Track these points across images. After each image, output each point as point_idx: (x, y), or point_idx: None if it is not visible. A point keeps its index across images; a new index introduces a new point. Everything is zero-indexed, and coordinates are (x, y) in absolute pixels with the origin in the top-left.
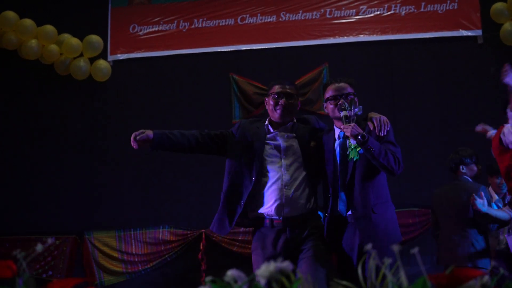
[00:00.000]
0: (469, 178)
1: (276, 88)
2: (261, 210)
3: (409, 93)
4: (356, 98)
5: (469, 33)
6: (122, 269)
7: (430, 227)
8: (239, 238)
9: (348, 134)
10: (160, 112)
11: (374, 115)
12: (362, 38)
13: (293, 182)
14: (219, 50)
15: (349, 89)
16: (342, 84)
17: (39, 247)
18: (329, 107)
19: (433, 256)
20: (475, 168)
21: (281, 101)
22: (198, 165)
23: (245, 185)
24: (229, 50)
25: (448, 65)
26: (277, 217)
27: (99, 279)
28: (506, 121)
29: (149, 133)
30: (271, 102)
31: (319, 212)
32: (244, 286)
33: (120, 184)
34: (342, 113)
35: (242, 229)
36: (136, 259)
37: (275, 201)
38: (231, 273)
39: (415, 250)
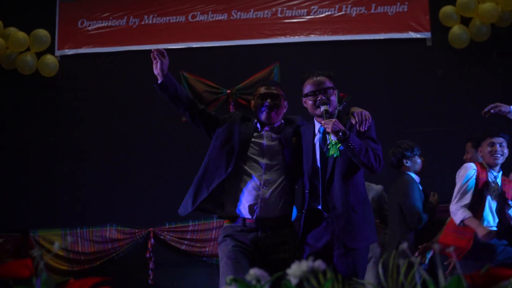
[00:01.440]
0: (411, 174)
1: (261, 89)
2: (235, 208)
3: (360, 93)
4: (335, 91)
5: (418, 35)
6: (68, 268)
7: None
8: (188, 237)
9: (328, 130)
10: (109, 109)
11: (356, 109)
12: (313, 38)
13: (272, 184)
14: (170, 47)
15: (328, 83)
16: (320, 78)
17: None
18: (308, 103)
19: None
20: (418, 160)
21: (266, 103)
22: (147, 164)
23: (219, 173)
24: (179, 47)
25: (398, 67)
26: (250, 217)
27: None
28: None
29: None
30: (257, 104)
31: (295, 210)
32: (267, 286)
33: (67, 182)
34: (323, 108)
35: (190, 228)
36: (82, 258)
37: (250, 200)
38: (253, 272)
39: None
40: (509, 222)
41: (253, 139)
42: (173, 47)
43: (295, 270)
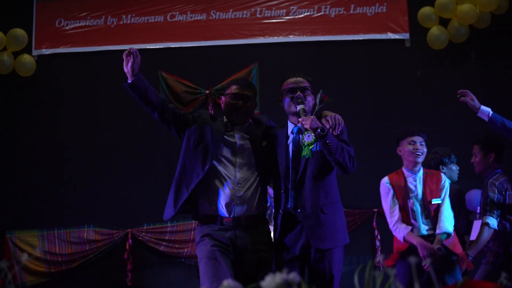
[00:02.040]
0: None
1: (233, 88)
2: (211, 207)
3: (338, 94)
4: (312, 96)
5: (397, 36)
6: (45, 269)
7: (355, 228)
8: (166, 238)
9: (307, 126)
10: (88, 109)
11: (329, 113)
12: (292, 38)
13: (245, 182)
14: (148, 47)
15: (307, 84)
16: (300, 78)
17: None
18: (285, 100)
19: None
20: (454, 167)
21: (238, 103)
22: (125, 164)
23: (197, 172)
24: (158, 47)
25: (377, 67)
26: (227, 215)
27: (21, 279)
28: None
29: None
30: (227, 103)
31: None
32: None
33: (44, 182)
34: (299, 107)
35: (169, 229)
36: (60, 259)
37: (226, 199)
38: (227, 283)
39: None
40: (463, 229)
41: (225, 138)
42: (151, 47)
43: (269, 283)
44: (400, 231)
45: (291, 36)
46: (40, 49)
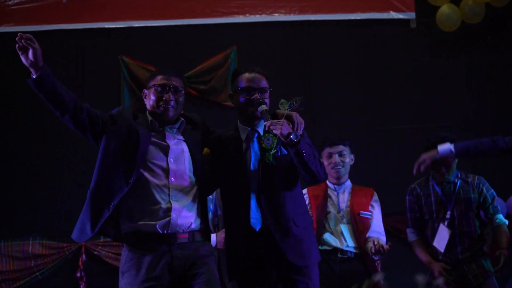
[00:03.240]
0: None
1: (159, 79)
2: (139, 223)
3: (330, 82)
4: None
5: (401, 16)
6: None
7: None
8: None
9: (277, 132)
10: (34, 101)
11: (282, 111)
12: (276, 17)
13: (181, 193)
14: (106, 26)
15: (265, 83)
16: (257, 75)
17: None
18: (239, 101)
19: None
20: None
21: (166, 96)
22: (78, 167)
23: (119, 185)
24: (118, 26)
25: (376, 52)
26: (160, 232)
27: None
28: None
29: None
30: (153, 97)
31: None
32: None
33: None
34: (260, 109)
35: None
36: (0, 277)
37: (159, 213)
38: None
39: None
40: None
41: (154, 139)
42: (110, 26)
43: None
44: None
45: (276, 14)
46: None
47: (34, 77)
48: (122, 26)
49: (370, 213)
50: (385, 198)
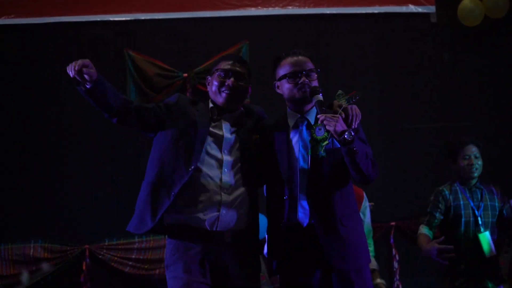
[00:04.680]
0: None
1: (223, 64)
2: (189, 217)
3: (347, 79)
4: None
5: (421, 9)
6: None
7: None
8: (133, 257)
9: (331, 129)
10: (39, 93)
11: (342, 104)
12: (290, 10)
13: (233, 186)
14: (112, 19)
15: (311, 65)
16: (302, 58)
17: None
18: (285, 87)
19: None
20: None
21: (229, 82)
22: (81, 167)
23: (180, 174)
24: (124, 19)
25: (395, 47)
26: (209, 229)
27: None
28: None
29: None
30: (215, 82)
31: (262, 218)
32: None
33: None
34: (315, 99)
35: (136, 245)
36: (0, 282)
37: (209, 207)
38: None
39: None
40: None
41: (210, 130)
42: (116, 19)
43: None
44: None
45: (290, 7)
46: None
47: (88, 87)
48: (128, 18)
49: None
50: (404, 199)
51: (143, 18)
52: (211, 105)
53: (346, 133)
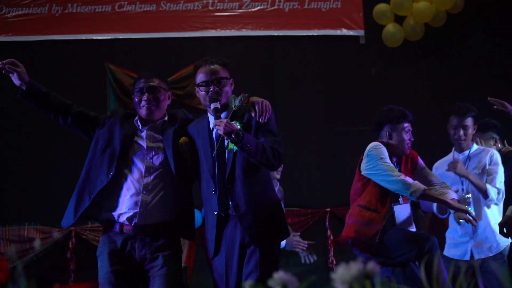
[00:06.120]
0: None
1: (138, 83)
2: (113, 213)
3: (292, 91)
4: (231, 81)
5: (352, 33)
6: None
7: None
8: None
9: (220, 132)
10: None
11: (256, 99)
12: (245, 32)
13: (154, 188)
14: (94, 37)
15: (222, 73)
16: (214, 67)
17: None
18: (201, 94)
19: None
20: None
21: (145, 97)
22: (68, 157)
23: (101, 179)
24: (105, 38)
25: (332, 64)
26: (128, 223)
27: None
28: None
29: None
30: (135, 99)
31: (197, 212)
32: None
33: None
34: (213, 106)
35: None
36: None
37: (130, 205)
38: (279, 276)
39: None
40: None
41: (135, 139)
42: (98, 38)
43: (343, 274)
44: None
45: (244, 30)
46: None
47: (24, 89)
48: (108, 37)
49: None
50: (338, 188)
51: (121, 37)
52: (136, 118)
53: (233, 134)
